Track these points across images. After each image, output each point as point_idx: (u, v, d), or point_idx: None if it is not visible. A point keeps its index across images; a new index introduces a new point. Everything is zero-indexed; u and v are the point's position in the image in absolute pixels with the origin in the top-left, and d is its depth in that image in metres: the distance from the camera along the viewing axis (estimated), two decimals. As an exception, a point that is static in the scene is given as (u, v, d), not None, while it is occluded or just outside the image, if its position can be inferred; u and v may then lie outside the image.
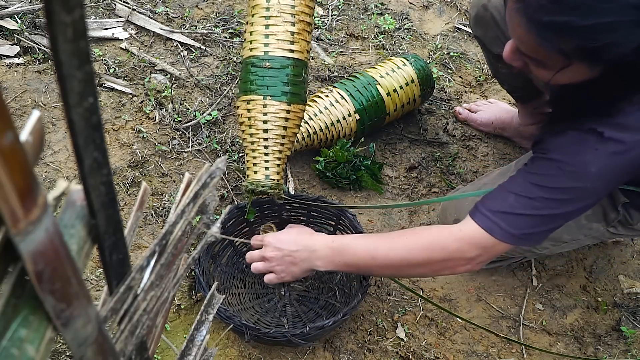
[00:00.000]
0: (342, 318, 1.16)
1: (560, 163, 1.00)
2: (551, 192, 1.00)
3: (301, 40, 1.24)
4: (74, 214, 0.40)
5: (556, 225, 1.05)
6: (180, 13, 2.00)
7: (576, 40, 0.86)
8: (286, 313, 1.34)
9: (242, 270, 1.40)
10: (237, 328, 1.17)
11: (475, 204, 1.07)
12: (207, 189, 0.55)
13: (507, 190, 1.04)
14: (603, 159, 0.97)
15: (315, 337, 1.24)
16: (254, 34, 1.24)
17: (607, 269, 1.52)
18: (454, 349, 1.34)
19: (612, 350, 1.38)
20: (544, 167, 1.02)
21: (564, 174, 0.99)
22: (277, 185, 1.25)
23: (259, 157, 1.25)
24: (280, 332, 1.15)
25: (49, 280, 0.36)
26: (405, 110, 1.71)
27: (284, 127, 1.24)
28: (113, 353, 0.48)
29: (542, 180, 1.01)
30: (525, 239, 1.04)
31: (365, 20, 2.08)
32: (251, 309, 1.34)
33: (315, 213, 1.42)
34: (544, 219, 1.03)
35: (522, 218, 1.02)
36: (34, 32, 1.84)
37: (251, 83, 1.23)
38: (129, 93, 1.73)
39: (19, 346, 0.35)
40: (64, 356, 1.23)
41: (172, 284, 0.57)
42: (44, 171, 1.52)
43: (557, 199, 1.01)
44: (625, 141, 0.95)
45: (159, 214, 1.47)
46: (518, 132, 1.71)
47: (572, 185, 0.99)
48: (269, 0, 1.22)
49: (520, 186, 1.03)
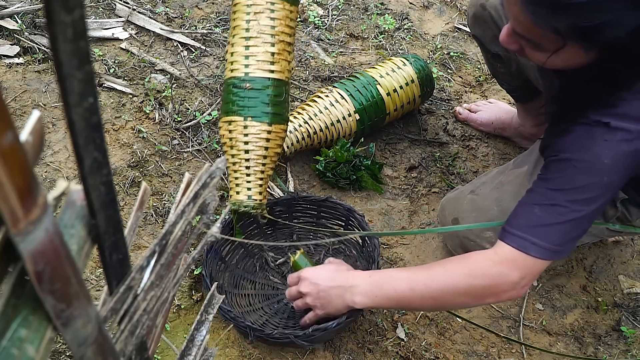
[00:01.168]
0: (346, 320, 1.16)
1: (573, 161, 0.99)
2: (571, 193, 1.00)
3: (282, 60, 1.25)
4: (74, 214, 0.40)
5: (584, 228, 1.03)
6: (180, 13, 2.00)
7: (569, 18, 0.87)
8: (294, 314, 1.33)
9: (253, 271, 1.40)
10: (241, 329, 1.17)
11: (502, 227, 1.05)
12: (207, 189, 0.55)
13: (529, 204, 1.04)
14: (614, 149, 0.97)
15: (319, 339, 1.24)
16: (235, 55, 1.25)
17: (607, 269, 1.52)
18: (454, 349, 1.34)
19: (612, 350, 1.38)
20: (559, 170, 1.01)
21: (579, 171, 0.99)
22: (259, 205, 1.27)
23: (240, 177, 1.26)
24: (284, 333, 1.15)
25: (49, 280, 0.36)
26: (405, 110, 1.71)
27: (265, 147, 1.25)
28: (113, 353, 0.48)
29: (560, 183, 1.01)
30: (559, 251, 1.02)
31: (365, 20, 2.08)
32: (260, 310, 1.34)
33: (325, 213, 1.43)
34: (571, 225, 1.01)
35: (551, 228, 1.00)
36: (34, 32, 1.84)
37: (232, 104, 1.25)
38: (129, 93, 1.73)
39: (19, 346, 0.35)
40: (64, 356, 1.23)
41: (172, 284, 0.57)
42: (44, 171, 1.52)
43: (579, 199, 1.00)
44: (632, 130, 0.95)
45: (159, 214, 1.47)
46: (518, 132, 1.71)
47: (589, 182, 0.99)
48: (249, 22, 1.23)
49: (540, 196, 1.02)
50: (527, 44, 0.98)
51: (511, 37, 1.00)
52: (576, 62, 0.96)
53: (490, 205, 1.31)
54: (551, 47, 0.94)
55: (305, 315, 1.22)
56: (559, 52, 0.94)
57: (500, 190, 1.34)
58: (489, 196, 1.34)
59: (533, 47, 0.97)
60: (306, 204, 1.44)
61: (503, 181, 1.36)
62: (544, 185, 1.03)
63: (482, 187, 1.39)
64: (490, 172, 1.45)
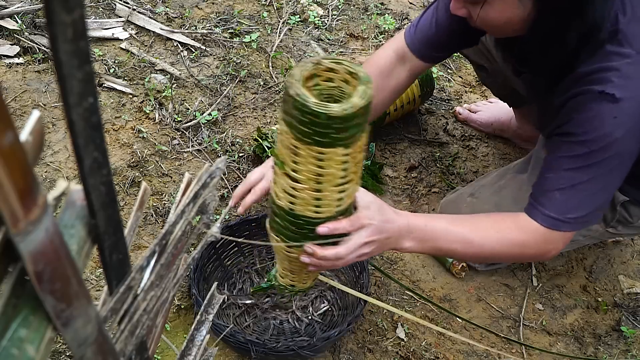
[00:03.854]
0: (348, 327, 1.16)
1: (587, 143, 1.02)
2: (589, 170, 1.03)
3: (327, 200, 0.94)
4: (74, 214, 0.40)
5: (612, 191, 1.11)
6: (180, 13, 2.00)
7: None
8: (284, 330, 1.32)
9: (232, 290, 1.38)
10: (242, 345, 1.15)
11: (533, 206, 1.09)
12: (207, 189, 0.55)
13: (550, 189, 1.07)
14: (625, 123, 0.99)
15: (322, 348, 1.24)
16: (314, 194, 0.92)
17: (607, 269, 1.52)
18: (454, 349, 1.34)
19: (612, 350, 1.38)
20: (572, 150, 1.04)
21: (594, 150, 1.02)
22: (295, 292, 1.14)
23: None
24: (288, 346, 1.15)
25: (49, 280, 0.36)
26: (405, 110, 1.71)
27: None
28: (113, 353, 0.48)
29: (575, 162, 1.04)
30: (585, 221, 1.09)
31: (365, 20, 2.08)
32: (248, 328, 1.32)
33: None
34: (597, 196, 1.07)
35: (579, 207, 1.07)
36: (34, 32, 1.84)
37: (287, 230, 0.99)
38: (129, 93, 1.73)
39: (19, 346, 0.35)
40: (64, 356, 1.23)
41: (172, 284, 0.57)
42: (44, 171, 1.52)
43: (598, 174, 1.04)
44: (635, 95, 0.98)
45: (159, 214, 1.47)
46: (517, 134, 1.71)
47: (605, 156, 1.02)
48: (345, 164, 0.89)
49: (561, 178, 1.06)
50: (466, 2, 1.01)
51: (457, 2, 1.04)
52: (513, 14, 0.98)
53: (489, 210, 1.31)
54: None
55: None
56: (490, 2, 0.97)
57: (500, 195, 1.34)
58: (488, 200, 1.35)
59: (471, 1, 1.00)
60: None
61: (502, 185, 1.36)
62: (561, 165, 1.06)
63: (481, 190, 1.39)
64: (490, 174, 1.45)
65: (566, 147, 1.04)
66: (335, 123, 0.77)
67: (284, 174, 0.89)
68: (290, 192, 0.90)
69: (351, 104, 0.78)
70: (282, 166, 0.89)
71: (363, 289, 1.25)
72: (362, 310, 1.21)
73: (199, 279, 1.27)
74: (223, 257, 1.37)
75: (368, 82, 0.81)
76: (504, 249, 1.11)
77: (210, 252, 1.33)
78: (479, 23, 1.04)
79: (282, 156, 0.88)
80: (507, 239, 1.10)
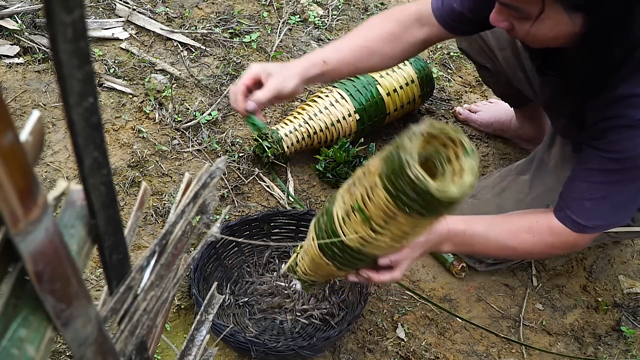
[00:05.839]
0: (348, 327, 1.16)
1: (619, 161, 1.05)
2: (620, 184, 1.08)
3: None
4: (74, 214, 0.40)
5: (636, 206, 1.15)
6: (180, 13, 2.00)
7: None
8: (284, 330, 1.32)
9: (235, 292, 1.37)
10: (242, 345, 1.15)
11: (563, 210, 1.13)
12: (207, 189, 0.55)
13: (578, 199, 1.11)
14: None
15: (322, 348, 1.24)
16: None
17: (607, 269, 1.52)
18: (454, 349, 1.34)
19: (612, 350, 1.38)
20: (605, 164, 1.07)
21: (625, 168, 1.05)
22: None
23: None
24: (288, 345, 1.15)
25: (49, 280, 0.36)
26: (405, 110, 1.71)
27: None
28: (113, 353, 0.48)
29: (607, 176, 1.07)
30: (611, 225, 1.16)
31: (365, 20, 2.08)
32: (247, 328, 1.31)
33: (305, 228, 1.38)
34: (620, 208, 1.12)
35: (609, 215, 1.12)
36: (34, 32, 1.84)
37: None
38: (129, 93, 1.73)
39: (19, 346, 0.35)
40: (64, 356, 1.23)
41: (172, 284, 0.57)
42: (44, 171, 1.52)
43: (627, 189, 1.09)
44: None
45: (159, 214, 1.47)
46: (517, 134, 1.71)
47: (637, 174, 1.06)
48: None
49: (591, 189, 1.09)
50: (513, 14, 0.98)
51: (499, 14, 1.01)
52: (562, 30, 0.96)
53: (491, 211, 1.31)
54: (533, 11, 0.94)
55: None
56: (542, 18, 0.94)
57: (501, 197, 1.34)
58: (490, 202, 1.35)
59: (519, 18, 0.98)
60: (285, 218, 1.40)
61: (504, 187, 1.36)
62: (591, 177, 1.09)
63: (482, 191, 1.39)
64: (491, 175, 1.45)
65: (598, 160, 1.07)
66: (449, 202, 0.78)
67: (366, 224, 0.87)
68: (367, 239, 0.90)
69: (468, 184, 0.78)
70: (368, 221, 0.86)
71: (363, 289, 1.25)
72: (362, 310, 1.21)
73: (199, 279, 1.27)
74: (223, 257, 1.37)
75: (474, 153, 0.80)
76: (537, 249, 1.18)
77: (210, 252, 1.33)
78: (524, 38, 1.02)
79: (370, 212, 0.85)
80: (542, 242, 1.16)
